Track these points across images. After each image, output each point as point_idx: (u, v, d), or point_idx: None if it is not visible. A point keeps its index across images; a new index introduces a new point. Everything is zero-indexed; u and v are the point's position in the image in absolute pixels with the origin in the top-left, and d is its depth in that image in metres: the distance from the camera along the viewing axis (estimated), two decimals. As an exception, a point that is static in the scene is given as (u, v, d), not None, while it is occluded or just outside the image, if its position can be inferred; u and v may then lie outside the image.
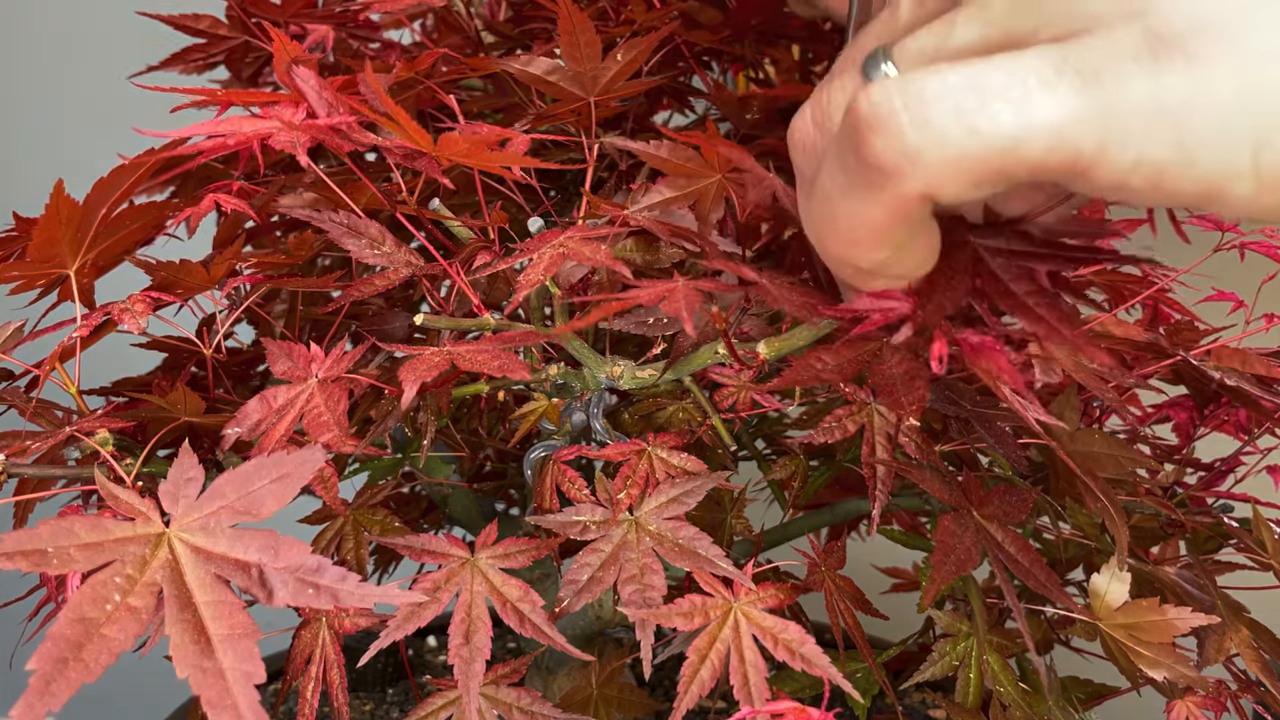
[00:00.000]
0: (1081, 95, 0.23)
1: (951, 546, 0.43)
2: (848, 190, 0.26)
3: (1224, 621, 0.48)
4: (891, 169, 0.25)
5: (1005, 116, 0.23)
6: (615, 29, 0.50)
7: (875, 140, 0.25)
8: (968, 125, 0.24)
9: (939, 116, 0.24)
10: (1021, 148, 0.24)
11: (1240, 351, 0.50)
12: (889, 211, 0.26)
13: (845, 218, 0.27)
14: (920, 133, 0.24)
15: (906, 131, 0.24)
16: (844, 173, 0.26)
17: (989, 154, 0.24)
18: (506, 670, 0.45)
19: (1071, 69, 0.23)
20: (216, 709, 0.28)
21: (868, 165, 0.25)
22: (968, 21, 0.25)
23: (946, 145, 0.24)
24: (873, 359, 0.39)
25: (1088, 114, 0.23)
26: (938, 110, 0.24)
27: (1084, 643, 0.52)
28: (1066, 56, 0.23)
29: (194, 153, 0.40)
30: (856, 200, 0.26)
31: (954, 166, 0.24)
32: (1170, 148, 0.23)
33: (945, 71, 0.24)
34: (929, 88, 0.24)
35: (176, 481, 0.32)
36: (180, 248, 0.45)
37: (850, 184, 0.26)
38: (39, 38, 1.22)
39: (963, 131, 0.24)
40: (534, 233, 0.46)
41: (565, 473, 0.46)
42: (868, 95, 0.25)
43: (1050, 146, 0.23)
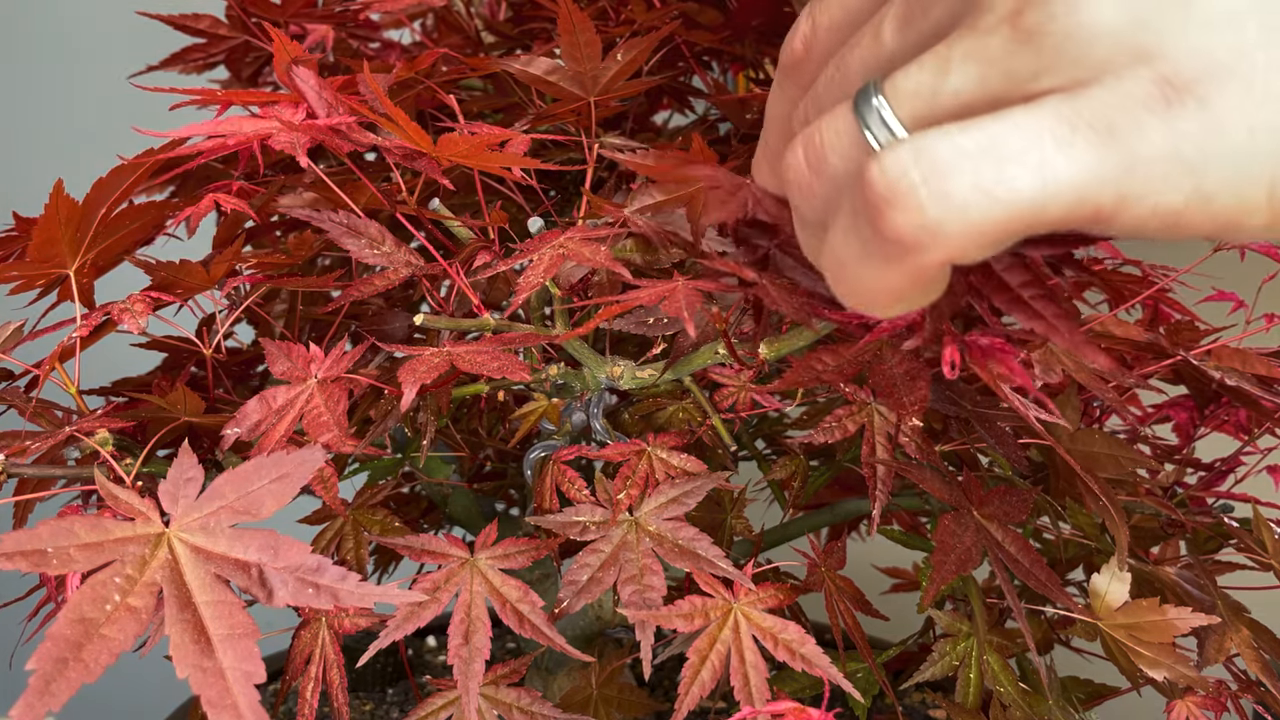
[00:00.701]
0: (1098, 152, 0.23)
1: (952, 546, 0.43)
2: (864, 259, 0.26)
3: (1224, 621, 0.48)
4: (912, 243, 0.24)
5: (1025, 182, 0.23)
6: (615, 29, 0.50)
7: (894, 216, 0.24)
8: (988, 195, 0.23)
9: (958, 189, 0.23)
10: (1043, 211, 0.23)
11: (1240, 351, 0.50)
12: (909, 279, 0.26)
13: (862, 281, 0.27)
14: (941, 206, 0.23)
15: (926, 207, 0.24)
16: (860, 242, 0.26)
17: (1011, 220, 0.23)
18: (506, 670, 0.45)
19: (1085, 124, 0.23)
20: (216, 709, 0.28)
21: (886, 239, 0.25)
22: (964, 62, 0.24)
23: (969, 217, 0.23)
24: (873, 359, 0.39)
25: (1106, 170, 0.23)
26: (956, 182, 0.23)
27: (1084, 643, 0.52)
28: (1079, 111, 0.23)
29: (194, 153, 0.40)
30: (874, 268, 0.26)
31: (977, 235, 0.24)
32: (1187, 193, 0.23)
33: (957, 136, 0.24)
34: (944, 157, 0.23)
35: (176, 481, 0.32)
36: (180, 248, 0.45)
37: (867, 254, 0.26)
38: (39, 38, 1.22)
39: (984, 202, 0.23)
40: (534, 233, 0.46)
41: (565, 473, 0.46)
42: (880, 167, 0.24)
43: (1071, 206, 0.23)
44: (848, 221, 0.26)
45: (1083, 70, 0.23)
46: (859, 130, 0.26)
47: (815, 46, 0.31)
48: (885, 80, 0.26)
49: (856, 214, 0.26)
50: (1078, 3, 0.23)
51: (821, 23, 0.31)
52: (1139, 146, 0.23)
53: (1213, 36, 0.22)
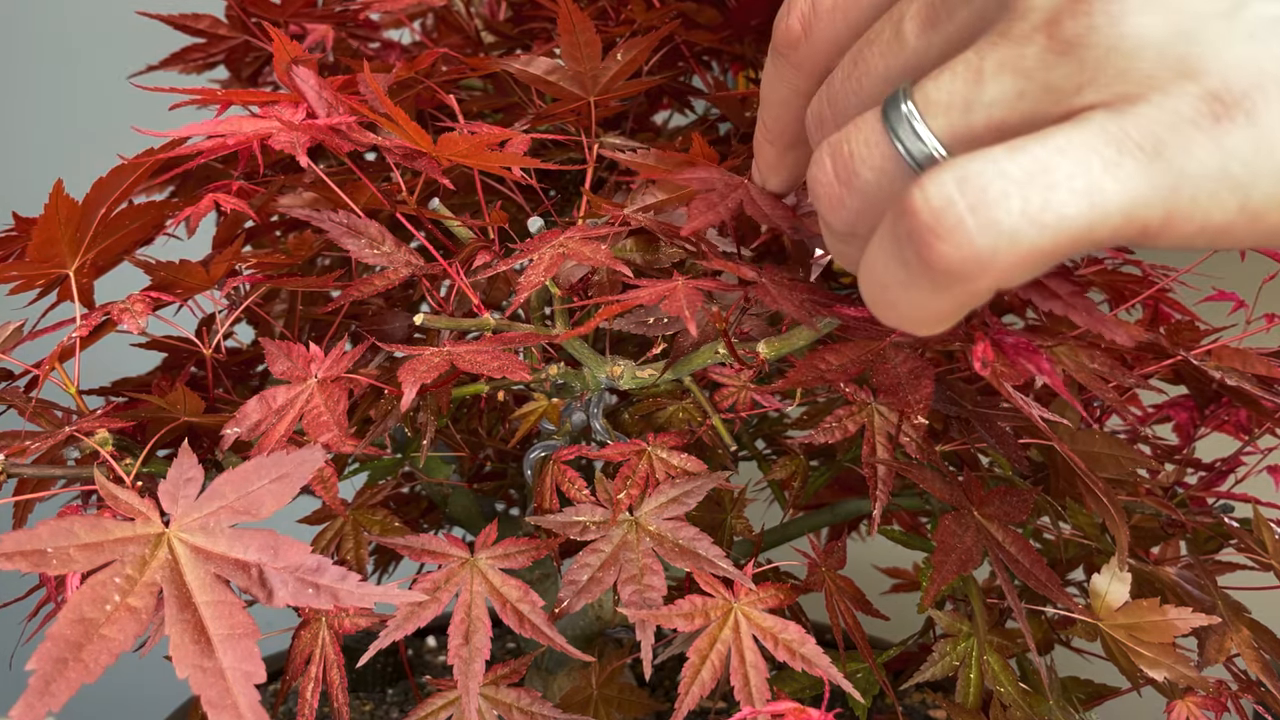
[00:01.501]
0: (1146, 172, 0.22)
1: (952, 546, 0.43)
2: (909, 285, 0.26)
3: (1224, 622, 0.48)
4: (960, 273, 0.24)
5: (1073, 208, 0.23)
6: (615, 29, 0.50)
7: (941, 247, 0.24)
8: (1037, 223, 0.23)
9: (1007, 218, 0.23)
10: (1091, 233, 0.23)
11: (1240, 351, 0.50)
12: (956, 304, 0.25)
13: (906, 306, 0.26)
14: (990, 236, 0.23)
15: (975, 238, 0.23)
16: (904, 270, 0.25)
17: (1060, 245, 0.23)
18: (506, 670, 0.45)
19: (1133, 144, 0.22)
20: (216, 709, 0.28)
21: (933, 269, 0.24)
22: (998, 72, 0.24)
23: (1018, 245, 0.23)
24: (877, 358, 0.39)
25: (1154, 190, 0.23)
26: (1004, 211, 0.23)
27: (1084, 643, 0.52)
28: (1126, 130, 0.22)
29: (194, 153, 0.40)
30: (920, 294, 0.26)
31: (1026, 262, 0.23)
32: (1235, 209, 0.23)
33: (1003, 161, 0.23)
34: (991, 184, 0.23)
35: (176, 481, 0.32)
36: (180, 248, 0.45)
37: (912, 282, 0.25)
38: (39, 38, 1.22)
39: (1033, 230, 0.23)
40: (534, 233, 0.46)
41: (565, 473, 0.46)
42: (924, 195, 0.24)
43: (1119, 227, 0.23)
44: (890, 247, 0.26)
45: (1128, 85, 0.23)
46: (889, 141, 0.25)
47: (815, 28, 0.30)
48: (915, 88, 0.25)
49: (899, 241, 0.25)
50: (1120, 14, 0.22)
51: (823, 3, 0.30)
52: (1187, 165, 0.22)
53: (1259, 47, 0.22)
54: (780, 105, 0.33)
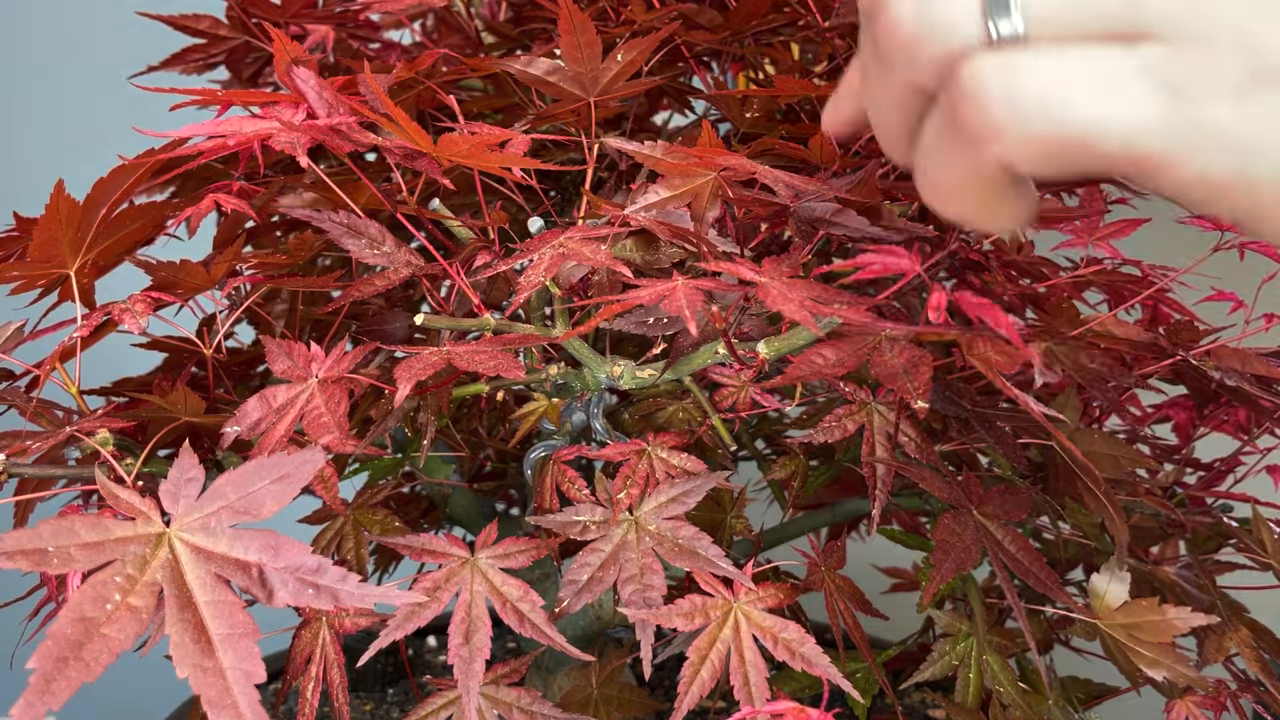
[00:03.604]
0: (1164, 108, 0.25)
1: (951, 545, 0.43)
2: (940, 143, 0.29)
3: (1223, 621, 0.49)
4: (976, 136, 0.27)
5: (1083, 113, 0.25)
6: (615, 29, 0.50)
7: (967, 109, 0.27)
8: (1046, 111, 0.26)
9: (1025, 100, 0.26)
10: (1096, 140, 0.25)
11: (1240, 351, 0.50)
12: (971, 172, 0.28)
13: (934, 169, 0.30)
14: (1005, 109, 0.26)
15: (994, 106, 0.26)
16: (939, 127, 0.29)
17: (1066, 140, 0.26)
18: (506, 670, 0.45)
19: (1161, 80, 0.25)
20: (216, 708, 0.28)
21: (958, 128, 0.27)
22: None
23: (1027, 125, 0.26)
24: (873, 352, 0.39)
25: (1164, 126, 0.25)
26: (1025, 94, 0.26)
27: (1083, 642, 0.52)
28: (1163, 67, 0.25)
29: (194, 153, 0.40)
30: (946, 155, 0.29)
31: (1031, 144, 0.26)
32: (1235, 172, 0.25)
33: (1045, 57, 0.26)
34: (1025, 71, 0.26)
35: (177, 481, 0.32)
36: (180, 248, 0.45)
37: (942, 139, 0.28)
38: (39, 38, 1.22)
39: (1043, 117, 0.26)
40: (534, 233, 0.46)
41: (565, 473, 0.46)
42: (970, 66, 0.27)
43: (1123, 144, 0.25)
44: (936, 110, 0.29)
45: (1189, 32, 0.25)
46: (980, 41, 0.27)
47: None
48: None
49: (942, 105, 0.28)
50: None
51: None
52: (1203, 115, 0.25)
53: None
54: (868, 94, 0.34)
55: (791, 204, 0.40)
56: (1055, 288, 0.46)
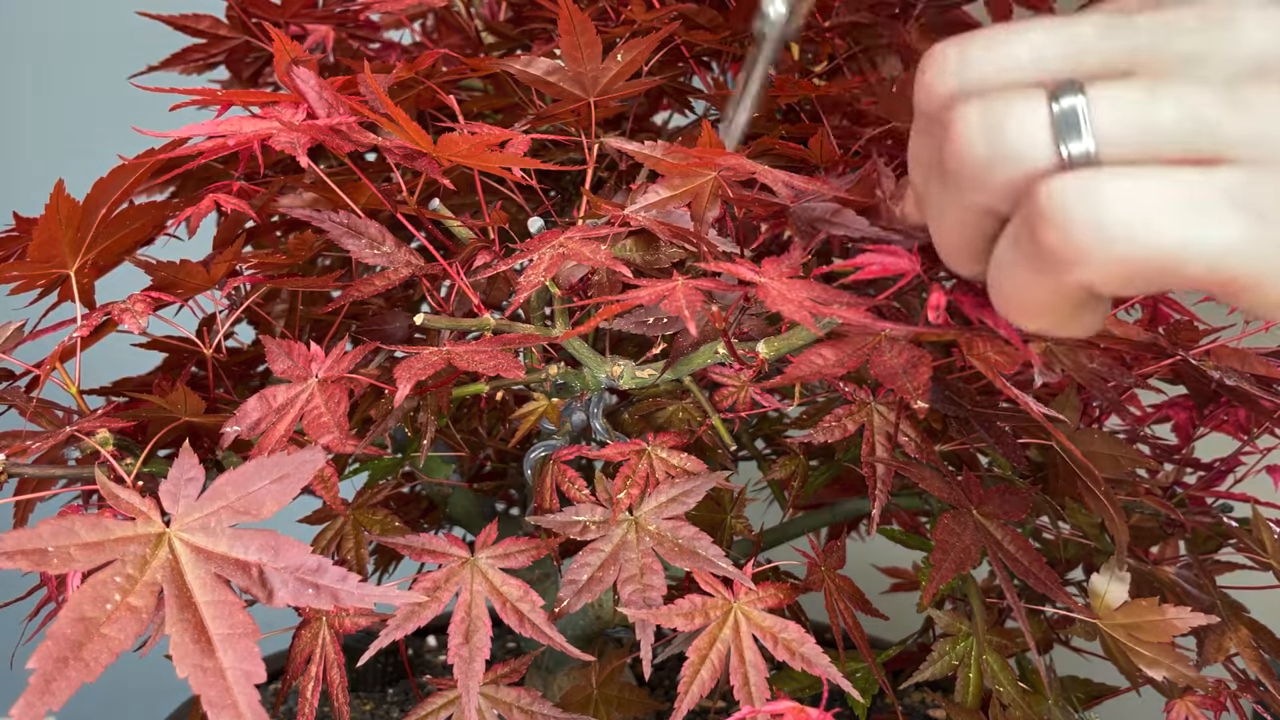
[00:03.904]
0: (1249, 231, 0.25)
1: (951, 545, 0.43)
2: (1017, 264, 0.28)
3: (1223, 621, 0.48)
4: (1059, 261, 0.26)
5: (1169, 237, 0.25)
6: (615, 29, 0.50)
7: (1050, 232, 0.26)
8: (1133, 236, 0.25)
9: (1110, 223, 0.25)
10: (1182, 264, 0.25)
11: (1240, 351, 0.50)
12: (1052, 294, 0.28)
13: (1012, 287, 0.29)
14: (1089, 232, 0.26)
15: (1077, 230, 0.26)
16: (1017, 248, 0.28)
17: (1150, 264, 0.26)
18: (506, 670, 0.45)
19: (1246, 204, 0.25)
20: (216, 708, 0.28)
21: (1039, 251, 0.27)
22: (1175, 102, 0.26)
23: (1111, 249, 0.26)
24: (872, 352, 0.39)
25: (1250, 249, 0.25)
26: (1110, 217, 0.25)
27: (1083, 642, 0.52)
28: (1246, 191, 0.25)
29: (194, 153, 0.40)
30: (1025, 276, 0.28)
31: (1117, 269, 0.26)
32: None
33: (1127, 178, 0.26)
34: (1108, 192, 0.25)
35: (177, 481, 0.32)
36: (180, 248, 0.45)
37: (1021, 260, 0.28)
38: (39, 38, 1.22)
39: (1128, 241, 0.25)
40: (534, 233, 0.46)
41: (565, 473, 0.46)
42: (1049, 187, 0.26)
43: (1210, 268, 0.25)
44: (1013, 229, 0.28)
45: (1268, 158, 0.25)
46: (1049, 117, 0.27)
47: None
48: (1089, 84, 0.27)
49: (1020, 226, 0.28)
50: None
51: None
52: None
53: None
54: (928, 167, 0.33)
55: (791, 204, 0.40)
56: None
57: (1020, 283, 0.29)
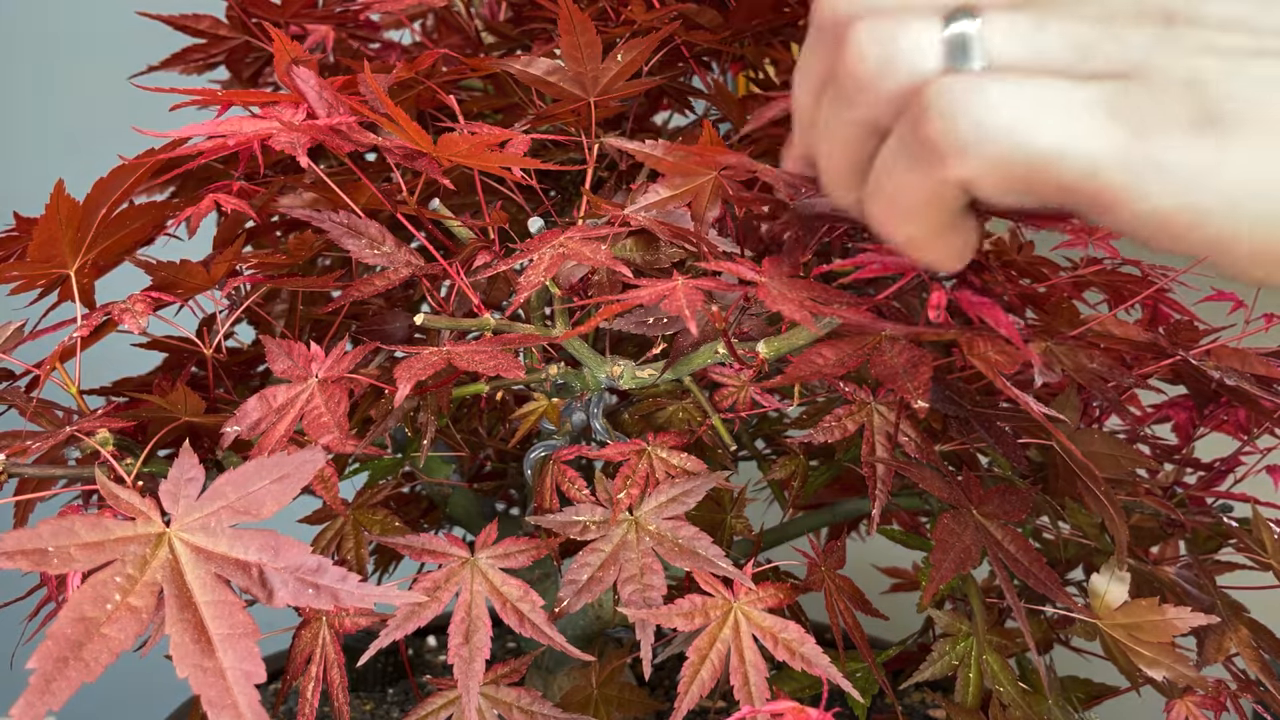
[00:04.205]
0: (1122, 141, 0.26)
1: (951, 544, 0.43)
2: (899, 160, 0.29)
3: (1223, 621, 0.48)
4: (940, 154, 0.27)
5: (1045, 139, 0.26)
6: (615, 29, 0.50)
7: (932, 125, 0.27)
8: (1012, 136, 0.26)
9: (990, 121, 0.26)
10: (1055, 169, 0.26)
11: (1240, 351, 0.50)
12: (929, 191, 0.28)
13: (892, 187, 0.30)
14: (970, 129, 0.26)
15: (959, 125, 0.27)
16: (900, 146, 0.29)
17: (1026, 164, 0.26)
18: (506, 670, 0.45)
19: (1122, 115, 0.26)
20: (216, 708, 0.28)
21: (921, 145, 0.28)
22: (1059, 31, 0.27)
23: (990, 147, 0.26)
24: (873, 352, 0.39)
25: (1122, 158, 0.26)
26: (991, 115, 0.26)
27: (1083, 642, 0.52)
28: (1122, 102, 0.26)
29: (194, 153, 0.40)
30: (904, 173, 0.29)
31: (994, 168, 0.27)
32: (1184, 208, 0.26)
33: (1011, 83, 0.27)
34: (992, 94, 0.26)
35: (177, 481, 0.32)
36: (180, 248, 0.45)
37: (902, 156, 0.29)
38: (39, 38, 1.22)
39: (1006, 140, 0.26)
40: (534, 233, 0.46)
41: (565, 473, 0.46)
42: (938, 85, 0.27)
43: (1082, 175, 0.26)
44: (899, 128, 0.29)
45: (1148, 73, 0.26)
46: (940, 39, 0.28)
47: None
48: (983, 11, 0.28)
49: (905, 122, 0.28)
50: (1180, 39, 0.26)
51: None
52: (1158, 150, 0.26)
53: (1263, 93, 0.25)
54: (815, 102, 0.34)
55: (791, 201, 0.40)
56: (1055, 288, 0.46)
57: (899, 182, 0.29)
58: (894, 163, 0.29)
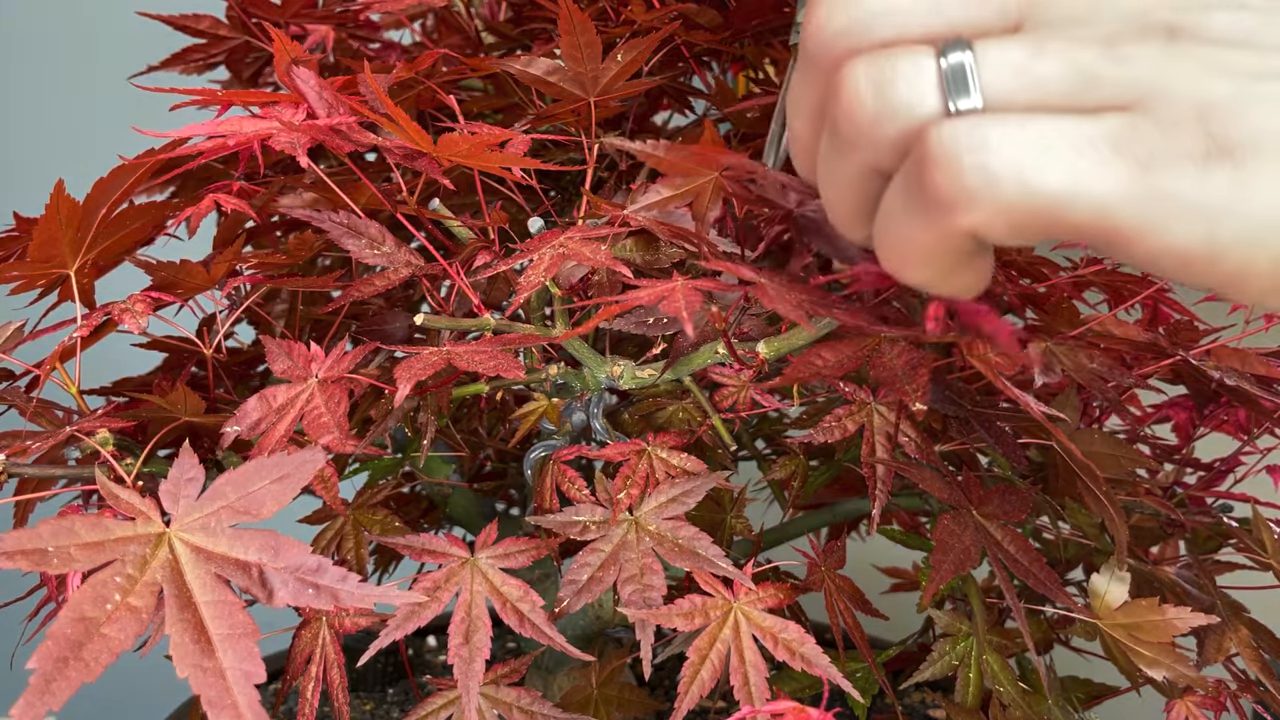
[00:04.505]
0: (1132, 178, 0.25)
1: (951, 545, 0.43)
2: (906, 210, 0.28)
3: (1223, 621, 0.48)
4: (947, 205, 0.26)
5: (1056, 181, 0.25)
6: (615, 29, 0.50)
7: (937, 176, 0.26)
8: (1020, 181, 0.25)
9: (997, 167, 0.26)
10: (1065, 211, 0.25)
11: (1240, 351, 0.50)
12: (937, 241, 0.28)
13: (899, 237, 0.29)
14: (977, 177, 0.26)
15: (965, 174, 0.26)
16: (905, 194, 0.28)
17: (1035, 209, 0.26)
18: (506, 670, 0.45)
19: (1130, 151, 0.25)
20: (216, 708, 0.28)
21: (926, 195, 0.27)
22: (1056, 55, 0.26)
23: (999, 194, 0.26)
24: (873, 353, 0.39)
25: (1133, 196, 0.25)
26: (997, 161, 0.26)
27: (1083, 642, 0.52)
28: (1129, 139, 0.25)
29: (194, 153, 0.40)
30: (911, 223, 0.28)
31: (1003, 214, 0.26)
32: (1201, 243, 0.25)
33: (1013, 124, 0.26)
34: (995, 138, 0.26)
35: (177, 481, 0.32)
36: (180, 248, 0.45)
37: (909, 206, 0.28)
38: (39, 38, 1.22)
39: (1015, 186, 0.25)
40: (534, 233, 0.46)
41: (565, 473, 0.46)
42: (939, 132, 0.26)
43: (1092, 217, 0.25)
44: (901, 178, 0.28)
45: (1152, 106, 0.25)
46: (937, 74, 0.27)
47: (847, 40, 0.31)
48: (976, 40, 0.27)
49: (909, 171, 0.28)
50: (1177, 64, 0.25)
51: None
52: (1169, 186, 0.25)
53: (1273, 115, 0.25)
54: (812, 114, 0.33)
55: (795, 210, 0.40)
56: (1055, 288, 0.46)
57: (906, 231, 0.28)
58: (900, 211, 0.28)
